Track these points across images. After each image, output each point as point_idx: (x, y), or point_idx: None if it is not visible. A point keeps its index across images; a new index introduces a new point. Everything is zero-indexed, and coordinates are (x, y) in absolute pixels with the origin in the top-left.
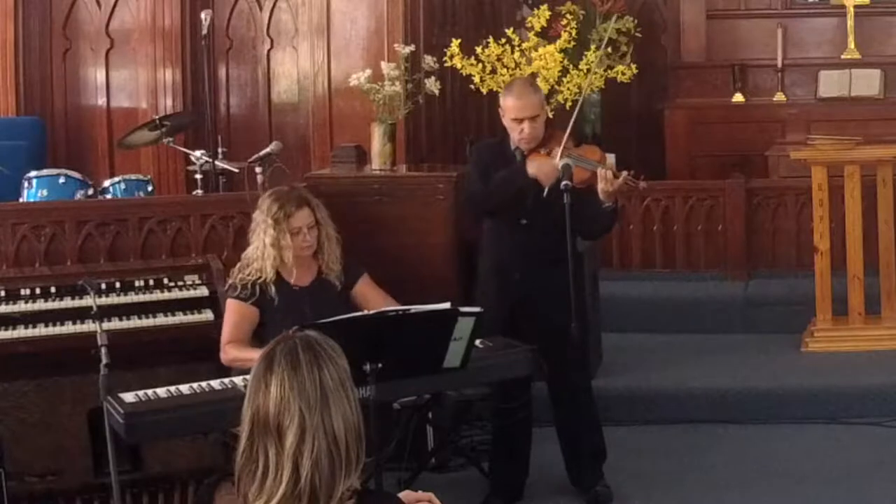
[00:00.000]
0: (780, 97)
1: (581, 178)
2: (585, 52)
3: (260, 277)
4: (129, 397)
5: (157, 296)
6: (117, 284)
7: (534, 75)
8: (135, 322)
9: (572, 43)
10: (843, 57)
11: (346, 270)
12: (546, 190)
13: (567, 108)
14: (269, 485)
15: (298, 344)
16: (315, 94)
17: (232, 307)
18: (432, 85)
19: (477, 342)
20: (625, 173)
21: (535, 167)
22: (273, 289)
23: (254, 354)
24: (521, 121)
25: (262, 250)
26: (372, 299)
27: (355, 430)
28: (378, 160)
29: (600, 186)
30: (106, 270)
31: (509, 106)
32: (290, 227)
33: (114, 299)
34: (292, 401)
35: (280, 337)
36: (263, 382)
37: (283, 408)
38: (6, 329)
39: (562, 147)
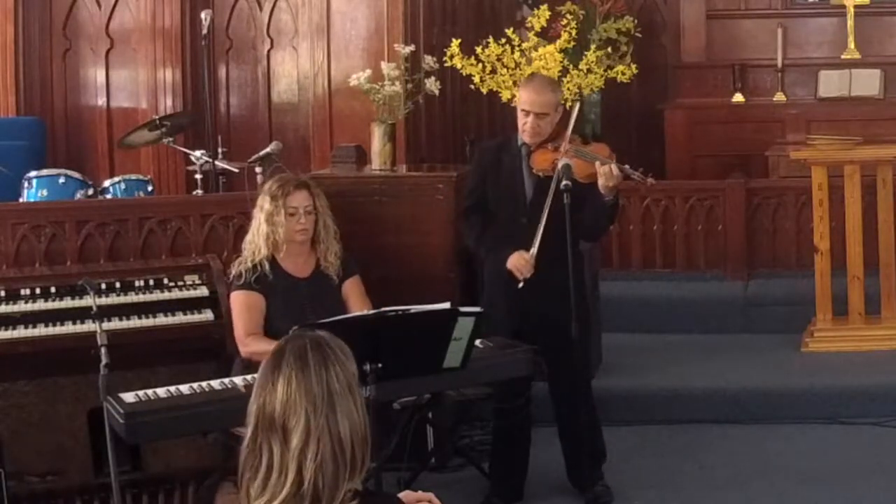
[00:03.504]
0: (780, 97)
1: (586, 173)
2: (585, 52)
3: (255, 257)
4: (129, 397)
5: (157, 296)
6: (117, 284)
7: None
8: (135, 322)
9: (572, 43)
10: (843, 57)
11: (344, 266)
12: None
13: (567, 107)
14: (272, 484)
15: (308, 344)
16: (315, 94)
17: (237, 298)
18: (432, 85)
19: (477, 342)
20: (626, 167)
21: (512, 263)
22: (269, 268)
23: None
24: (528, 113)
25: (256, 227)
26: (352, 303)
27: (361, 434)
28: (378, 160)
29: (601, 182)
30: (106, 270)
31: (523, 97)
32: (287, 206)
33: (114, 299)
34: (298, 401)
35: (290, 335)
36: (271, 380)
37: (290, 408)
38: (6, 329)
39: (567, 143)
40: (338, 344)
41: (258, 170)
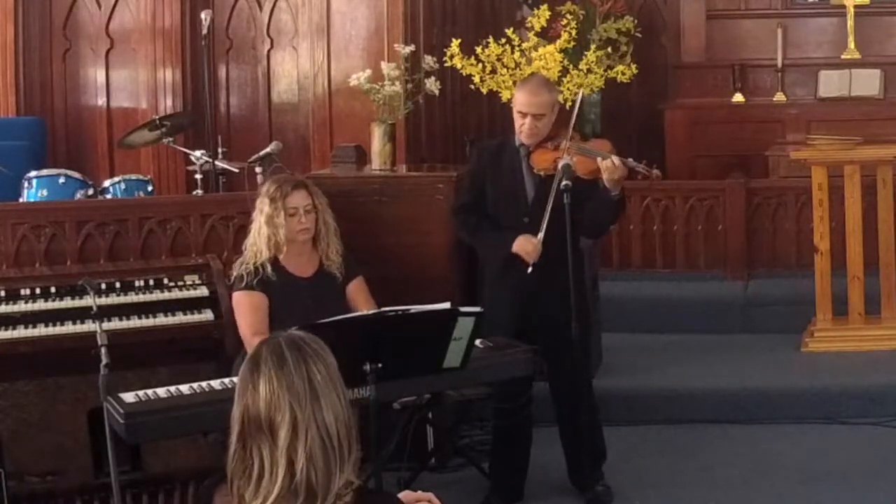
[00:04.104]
0: (780, 97)
1: (589, 169)
2: (585, 52)
3: (257, 259)
4: (129, 397)
5: (157, 296)
6: (117, 284)
7: (532, 73)
8: (135, 322)
9: (572, 43)
10: (843, 57)
11: (346, 264)
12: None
13: (567, 107)
14: (265, 484)
15: (283, 343)
16: (315, 94)
17: (241, 299)
18: (432, 85)
19: (477, 342)
20: (630, 160)
21: (519, 246)
22: (271, 269)
23: None
24: (524, 115)
25: (257, 230)
26: (358, 303)
27: (346, 425)
28: (378, 160)
29: (605, 176)
30: (106, 270)
31: (519, 99)
32: (286, 207)
33: (114, 299)
34: (282, 397)
35: (265, 339)
36: (251, 383)
37: (274, 405)
38: (6, 329)
39: (567, 140)
40: (314, 340)
41: (258, 170)
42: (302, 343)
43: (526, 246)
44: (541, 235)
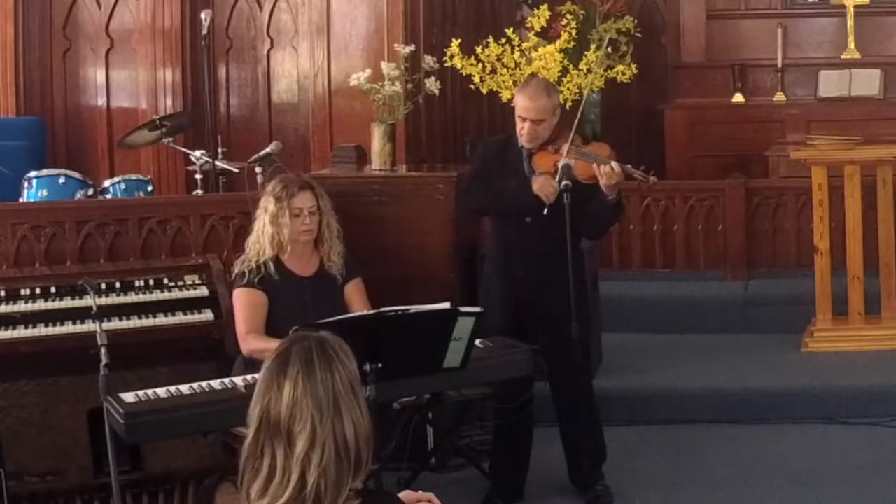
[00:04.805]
0: (780, 97)
1: (587, 174)
2: (585, 52)
3: (260, 258)
4: (129, 397)
5: (157, 296)
6: (117, 284)
7: (534, 76)
8: (135, 322)
9: (572, 43)
10: (843, 57)
11: (346, 266)
12: (546, 208)
13: (567, 107)
14: (273, 487)
15: (314, 346)
16: (315, 94)
17: (240, 296)
18: (432, 85)
19: (477, 342)
20: (628, 166)
21: (539, 187)
22: (273, 268)
23: (276, 345)
24: (524, 119)
25: (261, 228)
26: (352, 305)
27: (366, 434)
28: (378, 160)
29: (602, 181)
30: (106, 270)
31: (518, 103)
32: (291, 207)
33: (114, 299)
34: (304, 407)
35: (294, 336)
36: (276, 383)
37: (296, 412)
38: (6, 329)
39: (568, 144)
40: (340, 345)
41: (258, 170)
42: (329, 348)
43: (547, 187)
44: (561, 165)
